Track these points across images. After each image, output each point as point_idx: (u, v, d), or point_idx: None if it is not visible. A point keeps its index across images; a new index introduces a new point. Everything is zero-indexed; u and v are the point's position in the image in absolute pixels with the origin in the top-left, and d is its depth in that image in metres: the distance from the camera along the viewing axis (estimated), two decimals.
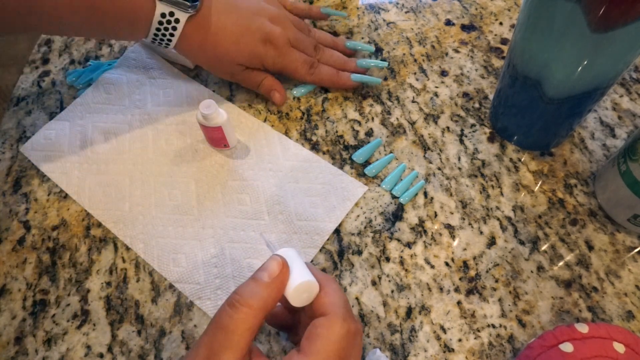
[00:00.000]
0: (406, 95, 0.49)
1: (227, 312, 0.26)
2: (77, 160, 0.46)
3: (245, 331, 0.26)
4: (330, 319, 0.27)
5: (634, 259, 0.39)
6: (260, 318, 0.26)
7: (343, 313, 0.27)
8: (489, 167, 0.45)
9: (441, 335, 0.37)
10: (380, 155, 0.45)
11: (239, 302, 0.26)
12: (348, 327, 0.27)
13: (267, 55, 0.45)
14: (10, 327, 0.38)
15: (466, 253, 0.40)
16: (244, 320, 0.26)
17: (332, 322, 0.27)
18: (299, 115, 0.48)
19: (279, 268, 0.28)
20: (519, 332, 0.37)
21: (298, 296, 0.28)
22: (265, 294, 0.27)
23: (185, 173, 0.45)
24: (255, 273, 0.29)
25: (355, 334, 0.27)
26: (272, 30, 0.45)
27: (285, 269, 0.29)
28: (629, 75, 0.50)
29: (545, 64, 0.36)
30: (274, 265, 0.28)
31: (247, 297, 0.27)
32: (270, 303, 0.27)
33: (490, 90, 0.50)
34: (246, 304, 0.26)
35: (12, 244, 0.42)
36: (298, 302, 0.29)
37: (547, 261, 0.40)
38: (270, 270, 0.28)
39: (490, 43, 0.53)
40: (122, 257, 0.41)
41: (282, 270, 0.28)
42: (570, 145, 0.46)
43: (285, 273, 0.29)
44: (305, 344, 0.26)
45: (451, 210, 0.42)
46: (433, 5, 0.57)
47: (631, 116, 0.47)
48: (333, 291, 0.29)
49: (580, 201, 0.42)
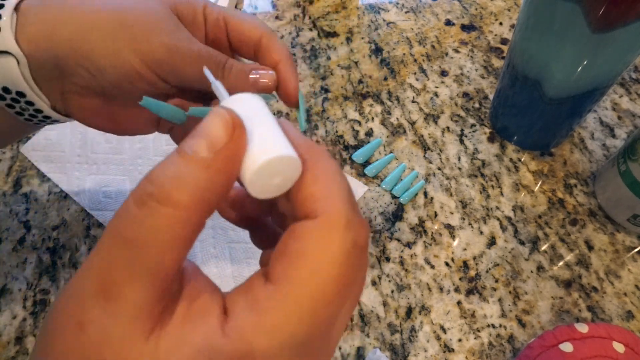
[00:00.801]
0: (406, 95, 0.49)
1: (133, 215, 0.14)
2: (77, 161, 0.46)
3: (167, 246, 0.14)
4: (324, 225, 0.15)
5: (634, 258, 0.39)
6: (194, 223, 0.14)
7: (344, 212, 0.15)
8: (489, 167, 0.45)
9: (441, 335, 0.37)
10: (380, 155, 0.45)
11: (156, 197, 0.14)
12: (353, 238, 0.15)
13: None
14: (11, 327, 0.38)
15: (466, 253, 0.40)
16: (164, 228, 0.14)
17: (328, 231, 0.15)
18: None
19: (227, 132, 0.15)
20: (519, 332, 0.37)
21: (264, 183, 0.16)
22: (202, 181, 0.14)
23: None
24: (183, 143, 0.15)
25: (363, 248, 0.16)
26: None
27: (240, 133, 0.15)
28: (628, 75, 0.50)
29: (545, 64, 0.36)
30: (217, 126, 0.15)
31: (170, 188, 0.14)
32: (213, 197, 0.15)
33: (490, 90, 0.50)
34: (168, 200, 0.14)
35: (13, 243, 0.42)
36: (264, 193, 0.16)
37: (547, 261, 0.40)
38: (211, 137, 0.15)
39: (490, 43, 0.53)
40: None
41: (233, 136, 0.15)
42: (570, 145, 0.46)
43: (240, 140, 0.15)
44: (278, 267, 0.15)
45: (451, 210, 0.42)
46: (433, 5, 0.57)
47: (631, 116, 0.47)
48: (326, 173, 0.16)
49: (580, 201, 0.42)
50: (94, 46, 0.24)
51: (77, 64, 0.25)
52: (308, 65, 0.52)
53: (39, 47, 0.24)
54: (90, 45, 0.24)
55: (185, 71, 0.25)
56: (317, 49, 0.53)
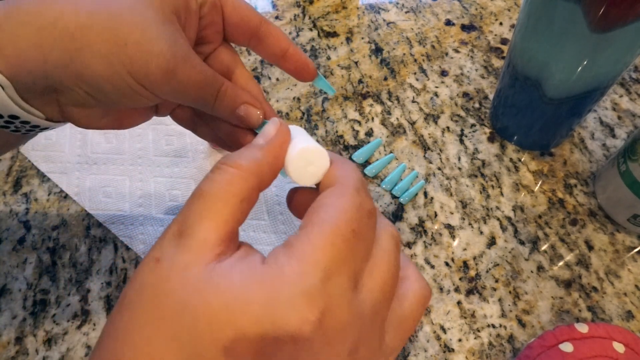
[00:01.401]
0: (406, 95, 0.49)
1: (208, 177, 0.19)
2: (77, 161, 0.46)
3: (230, 196, 0.18)
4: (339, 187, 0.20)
5: (634, 258, 0.39)
6: (251, 184, 0.19)
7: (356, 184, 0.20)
8: (489, 167, 0.45)
9: (441, 335, 0.37)
10: (380, 155, 0.45)
11: (225, 163, 0.19)
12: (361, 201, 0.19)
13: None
14: (11, 327, 0.38)
15: (466, 253, 0.40)
16: (228, 181, 0.19)
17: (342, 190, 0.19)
18: (299, 115, 0.48)
19: (276, 129, 0.22)
20: (519, 332, 0.37)
21: (301, 167, 0.22)
22: (258, 156, 0.20)
23: (185, 173, 0.45)
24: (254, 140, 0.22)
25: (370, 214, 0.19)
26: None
27: (284, 131, 0.22)
28: (628, 75, 0.50)
29: (545, 64, 0.36)
30: (270, 127, 0.22)
31: (235, 157, 0.20)
32: (266, 169, 0.20)
33: (490, 90, 0.50)
34: (234, 164, 0.19)
35: (13, 244, 0.42)
36: (302, 177, 0.22)
37: (547, 261, 0.40)
38: (266, 133, 0.22)
39: (490, 43, 0.53)
40: (122, 257, 0.41)
41: (279, 131, 0.22)
42: (570, 145, 0.46)
43: (285, 135, 0.22)
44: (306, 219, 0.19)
45: (451, 210, 0.42)
46: (433, 5, 0.57)
47: (631, 116, 0.47)
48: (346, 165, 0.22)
49: (580, 201, 0.43)
50: (87, 67, 0.23)
51: (72, 83, 0.23)
52: None
53: (24, 68, 0.22)
54: (83, 66, 0.23)
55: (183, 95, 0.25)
56: (317, 49, 0.53)
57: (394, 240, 0.20)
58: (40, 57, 0.22)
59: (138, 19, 0.23)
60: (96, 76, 0.23)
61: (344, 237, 0.17)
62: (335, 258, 0.17)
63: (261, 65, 0.52)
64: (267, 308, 0.15)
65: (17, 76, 0.22)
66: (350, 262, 0.17)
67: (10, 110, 0.23)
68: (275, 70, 0.52)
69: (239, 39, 0.28)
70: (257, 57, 0.53)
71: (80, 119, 0.26)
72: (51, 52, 0.22)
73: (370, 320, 0.18)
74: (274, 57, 0.29)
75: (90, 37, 0.22)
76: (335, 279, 0.17)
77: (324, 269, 0.16)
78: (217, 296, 0.16)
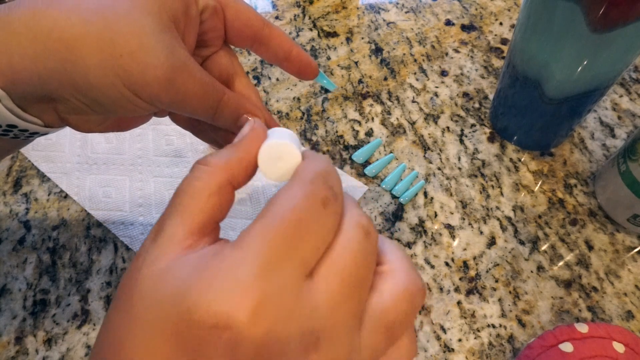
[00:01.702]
0: (406, 95, 0.49)
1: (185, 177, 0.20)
2: (77, 161, 0.46)
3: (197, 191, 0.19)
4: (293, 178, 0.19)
5: (634, 258, 0.39)
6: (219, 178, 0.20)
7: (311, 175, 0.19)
8: (489, 167, 0.45)
9: (441, 335, 0.37)
10: (380, 155, 0.45)
11: (198, 162, 0.20)
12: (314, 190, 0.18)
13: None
14: (11, 327, 0.38)
15: (466, 253, 0.40)
16: (196, 177, 0.19)
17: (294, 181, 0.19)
18: (299, 115, 0.48)
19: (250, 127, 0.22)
20: (519, 332, 0.37)
21: (270, 163, 0.21)
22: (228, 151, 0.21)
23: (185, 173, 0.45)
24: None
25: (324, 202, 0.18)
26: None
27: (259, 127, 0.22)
28: (628, 75, 0.50)
29: (545, 64, 0.36)
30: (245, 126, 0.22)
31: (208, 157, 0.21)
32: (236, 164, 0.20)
33: (490, 90, 0.50)
34: (204, 161, 0.20)
35: (13, 244, 0.42)
36: (271, 172, 0.22)
37: (547, 261, 0.40)
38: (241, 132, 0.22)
39: (490, 43, 0.53)
40: (122, 257, 0.41)
41: (252, 128, 0.22)
42: (570, 145, 0.46)
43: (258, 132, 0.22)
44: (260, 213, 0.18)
45: (451, 210, 0.42)
46: (433, 5, 0.57)
47: (631, 116, 0.47)
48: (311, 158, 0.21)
49: (580, 201, 0.43)
50: (82, 79, 0.22)
51: (67, 94, 0.23)
52: None
53: (19, 79, 0.22)
54: (79, 78, 0.22)
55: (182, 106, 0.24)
56: (317, 49, 0.53)
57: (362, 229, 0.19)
58: (34, 69, 0.22)
59: (134, 28, 0.22)
60: (92, 88, 0.22)
61: (289, 225, 0.17)
62: (277, 246, 0.16)
63: (261, 65, 0.52)
64: (203, 296, 0.15)
65: (12, 87, 0.22)
66: (297, 251, 0.17)
67: (7, 120, 0.23)
68: (275, 70, 0.52)
69: (241, 42, 0.28)
70: (257, 57, 0.53)
71: (79, 125, 0.26)
72: (46, 64, 0.22)
73: (329, 311, 0.17)
74: (276, 60, 0.28)
75: (86, 49, 0.21)
76: (277, 268, 0.16)
77: (264, 257, 0.16)
78: (165, 286, 0.16)
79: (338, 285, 0.17)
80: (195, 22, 0.25)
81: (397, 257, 0.20)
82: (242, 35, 0.27)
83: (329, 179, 0.19)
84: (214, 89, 0.25)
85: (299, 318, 0.16)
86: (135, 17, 0.22)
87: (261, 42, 0.27)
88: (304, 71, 0.29)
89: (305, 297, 0.16)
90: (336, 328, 0.17)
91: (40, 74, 0.22)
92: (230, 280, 0.16)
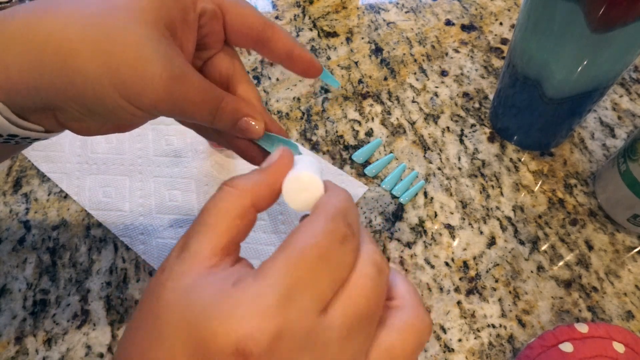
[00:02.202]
0: (406, 95, 0.49)
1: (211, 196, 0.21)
2: (77, 161, 0.46)
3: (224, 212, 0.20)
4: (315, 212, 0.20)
5: (634, 258, 0.39)
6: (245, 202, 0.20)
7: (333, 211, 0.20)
8: (489, 167, 0.45)
9: (441, 335, 0.37)
10: (380, 155, 0.45)
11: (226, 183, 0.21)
12: (335, 227, 0.19)
13: None
14: (11, 327, 0.38)
15: (466, 253, 0.40)
16: (224, 199, 0.20)
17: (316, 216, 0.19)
18: (299, 115, 0.48)
19: (279, 155, 0.22)
20: (519, 332, 0.37)
21: (294, 192, 0.22)
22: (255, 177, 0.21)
23: (185, 173, 0.45)
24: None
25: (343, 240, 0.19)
26: None
27: (286, 156, 0.22)
28: (628, 75, 0.50)
29: (545, 64, 0.36)
30: (274, 153, 0.22)
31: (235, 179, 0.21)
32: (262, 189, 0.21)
33: (490, 90, 0.50)
34: (232, 183, 0.21)
35: (13, 244, 0.42)
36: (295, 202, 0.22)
37: (547, 261, 0.40)
38: (269, 158, 0.22)
39: (490, 43, 0.53)
40: (122, 257, 0.41)
41: (281, 156, 0.22)
42: (570, 145, 0.46)
43: (286, 160, 0.22)
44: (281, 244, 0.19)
45: (451, 210, 0.42)
46: (433, 5, 0.57)
47: (631, 116, 0.47)
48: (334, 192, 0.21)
49: (580, 201, 0.43)
50: (80, 90, 0.22)
51: (65, 105, 0.23)
52: None
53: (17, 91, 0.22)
54: (76, 89, 0.22)
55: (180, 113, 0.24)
56: (317, 49, 0.53)
57: (376, 267, 0.19)
58: (32, 80, 0.22)
59: (131, 39, 0.22)
60: (89, 99, 0.22)
61: (309, 260, 0.18)
62: (297, 280, 0.17)
63: (261, 65, 0.52)
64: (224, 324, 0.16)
65: (11, 98, 0.22)
66: (314, 286, 0.17)
67: (8, 131, 0.23)
68: (275, 70, 0.52)
69: (242, 44, 0.28)
70: (257, 57, 0.53)
71: (80, 130, 0.26)
72: (42, 76, 0.22)
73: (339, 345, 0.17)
74: (278, 59, 0.28)
75: (82, 61, 0.21)
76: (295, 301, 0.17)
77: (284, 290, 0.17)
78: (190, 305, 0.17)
79: (350, 321, 0.18)
80: (193, 27, 0.25)
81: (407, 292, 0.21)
82: (243, 37, 0.27)
83: (348, 216, 0.20)
84: (213, 95, 0.25)
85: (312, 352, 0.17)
86: (131, 28, 0.22)
87: (263, 44, 0.27)
88: (307, 70, 0.29)
89: (319, 331, 0.17)
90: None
91: (37, 86, 0.22)
92: (251, 310, 0.16)
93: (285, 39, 0.27)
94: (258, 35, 0.27)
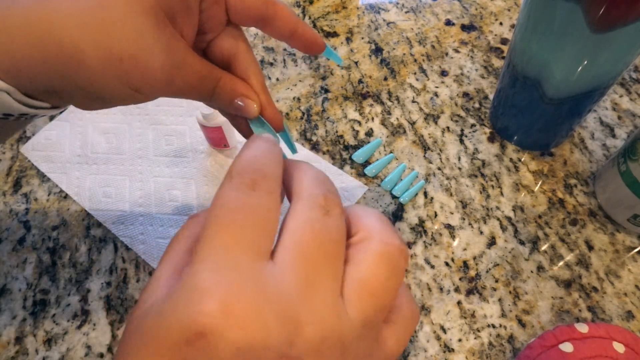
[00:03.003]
0: (406, 95, 0.49)
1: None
2: (77, 161, 0.46)
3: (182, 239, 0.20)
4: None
5: (634, 258, 0.39)
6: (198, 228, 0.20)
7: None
8: (489, 167, 0.45)
9: (441, 335, 0.37)
10: (380, 155, 0.45)
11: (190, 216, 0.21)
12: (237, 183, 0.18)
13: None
14: (11, 327, 0.38)
15: (466, 253, 0.40)
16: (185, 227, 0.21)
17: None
18: (299, 115, 0.48)
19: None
20: (519, 332, 0.37)
21: None
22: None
23: (185, 173, 0.45)
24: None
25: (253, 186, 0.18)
26: None
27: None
28: (629, 75, 0.50)
29: (545, 64, 0.36)
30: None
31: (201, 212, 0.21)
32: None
33: (490, 90, 0.50)
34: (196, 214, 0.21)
35: (13, 244, 0.42)
36: None
37: (547, 261, 0.40)
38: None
39: (490, 43, 0.53)
40: (122, 257, 0.41)
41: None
42: (570, 145, 0.46)
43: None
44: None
45: (451, 210, 0.42)
46: (433, 5, 0.57)
47: (631, 116, 0.47)
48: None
49: (580, 201, 0.42)
50: (84, 79, 0.23)
51: (73, 92, 0.24)
52: (308, 65, 0.52)
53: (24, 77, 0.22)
54: (81, 79, 0.23)
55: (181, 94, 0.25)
56: None
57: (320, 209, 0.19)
58: (36, 70, 0.22)
59: (131, 30, 0.22)
60: (94, 87, 0.23)
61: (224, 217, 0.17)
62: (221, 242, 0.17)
63: (261, 65, 0.52)
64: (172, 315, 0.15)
65: (19, 84, 0.23)
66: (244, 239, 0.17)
67: (19, 111, 0.24)
68: (275, 70, 0.52)
69: (245, 23, 0.28)
70: (257, 55, 0.53)
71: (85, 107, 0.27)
72: (46, 65, 0.22)
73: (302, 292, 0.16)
74: (281, 37, 0.29)
75: (85, 54, 0.22)
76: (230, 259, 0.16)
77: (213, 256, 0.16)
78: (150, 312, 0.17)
79: (302, 265, 0.16)
80: (194, 13, 0.26)
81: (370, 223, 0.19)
82: (245, 17, 0.28)
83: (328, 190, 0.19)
84: (211, 76, 0.25)
85: (271, 305, 0.15)
86: (131, 18, 0.22)
87: (265, 22, 0.28)
88: (310, 47, 0.29)
89: (269, 281, 0.16)
90: (315, 307, 0.16)
91: (43, 73, 0.22)
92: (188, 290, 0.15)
93: (288, 17, 0.28)
94: (261, 14, 0.27)
